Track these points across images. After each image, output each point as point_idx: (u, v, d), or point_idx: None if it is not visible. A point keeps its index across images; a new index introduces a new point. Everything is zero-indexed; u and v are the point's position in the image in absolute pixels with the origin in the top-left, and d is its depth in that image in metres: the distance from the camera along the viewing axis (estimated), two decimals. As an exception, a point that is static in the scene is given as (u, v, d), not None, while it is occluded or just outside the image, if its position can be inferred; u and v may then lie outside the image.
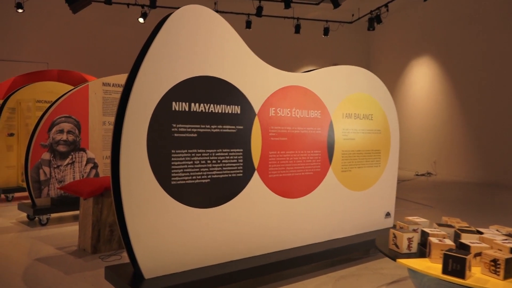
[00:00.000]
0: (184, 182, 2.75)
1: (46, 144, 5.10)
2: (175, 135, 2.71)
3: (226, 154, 2.96)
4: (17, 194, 6.77)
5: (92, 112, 5.48)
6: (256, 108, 3.12)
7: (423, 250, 2.57)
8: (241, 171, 3.05)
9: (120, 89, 5.71)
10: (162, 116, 2.64)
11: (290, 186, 3.37)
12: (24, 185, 6.58)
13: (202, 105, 2.82)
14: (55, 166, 5.17)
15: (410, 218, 2.99)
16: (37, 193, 5.04)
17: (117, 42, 12.78)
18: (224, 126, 2.94)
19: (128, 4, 11.71)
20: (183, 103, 2.73)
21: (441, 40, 12.08)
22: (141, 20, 11.76)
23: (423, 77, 12.87)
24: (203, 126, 2.84)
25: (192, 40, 2.76)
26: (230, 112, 2.97)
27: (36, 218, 5.14)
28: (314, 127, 3.52)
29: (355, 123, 3.85)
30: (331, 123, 3.65)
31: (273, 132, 3.24)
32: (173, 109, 2.69)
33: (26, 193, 6.82)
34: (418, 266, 2.29)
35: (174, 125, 2.70)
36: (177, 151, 2.71)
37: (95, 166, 5.52)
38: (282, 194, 3.31)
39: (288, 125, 3.34)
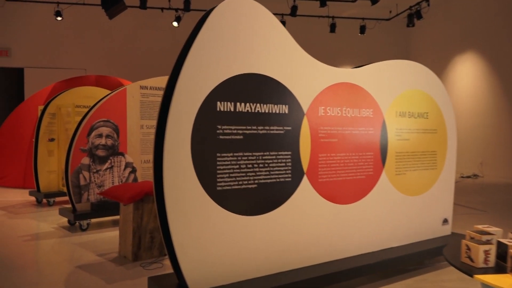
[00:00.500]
0: (230, 187, 2.56)
1: (86, 149, 5.07)
2: (220, 137, 2.52)
3: (274, 157, 2.75)
4: (58, 199, 6.82)
5: (130, 116, 5.41)
6: (305, 107, 2.90)
7: (501, 264, 2.27)
8: (290, 175, 2.83)
9: (158, 92, 5.63)
10: (207, 117, 2.47)
11: (341, 191, 3.12)
12: (65, 189, 6.62)
13: (248, 104, 2.63)
14: (95, 170, 5.13)
15: (479, 226, 2.67)
16: (77, 198, 5.01)
17: (152, 46, 12.89)
18: (272, 127, 2.74)
19: (162, 9, 11.76)
20: (228, 103, 2.55)
21: (486, 35, 11.43)
22: (175, 24, 11.79)
23: (467, 75, 12.23)
24: (249, 127, 2.64)
25: (236, 35, 2.58)
26: (277, 112, 2.76)
27: (77, 223, 5.11)
28: (366, 127, 3.26)
29: (410, 122, 3.56)
30: (384, 122, 3.37)
31: (322, 133, 3.01)
32: (218, 109, 2.51)
33: (66, 198, 6.87)
34: (500, 283, 2.00)
35: (219, 127, 2.52)
36: (222, 155, 2.53)
37: (134, 170, 5.45)
38: (332, 200, 3.06)
39: (339, 125, 3.10)
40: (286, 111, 2.80)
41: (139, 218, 3.80)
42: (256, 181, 2.68)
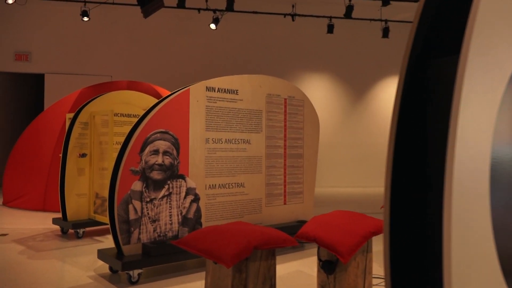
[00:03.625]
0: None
1: (138, 170, 3.73)
2: (526, 169, 1.16)
3: None
4: (88, 229, 5.48)
5: (193, 126, 4.08)
6: None
7: None
8: None
9: (227, 96, 4.31)
10: (509, 124, 1.11)
11: None
12: (97, 218, 5.30)
13: (560, 99, 1.27)
14: (148, 199, 3.78)
15: None
16: (125, 238, 3.65)
17: (186, 51, 11.66)
18: None
19: (199, 9, 10.55)
20: (537, 95, 1.19)
21: None
22: (212, 26, 10.58)
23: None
24: (560, 148, 1.27)
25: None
26: None
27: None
28: None
29: None
30: None
31: None
32: (525, 107, 1.15)
33: (97, 228, 5.55)
34: None
35: (524, 146, 1.16)
36: (528, 207, 1.16)
37: (196, 198, 4.09)
38: None
39: None
40: None
41: (242, 286, 2.42)
42: None
